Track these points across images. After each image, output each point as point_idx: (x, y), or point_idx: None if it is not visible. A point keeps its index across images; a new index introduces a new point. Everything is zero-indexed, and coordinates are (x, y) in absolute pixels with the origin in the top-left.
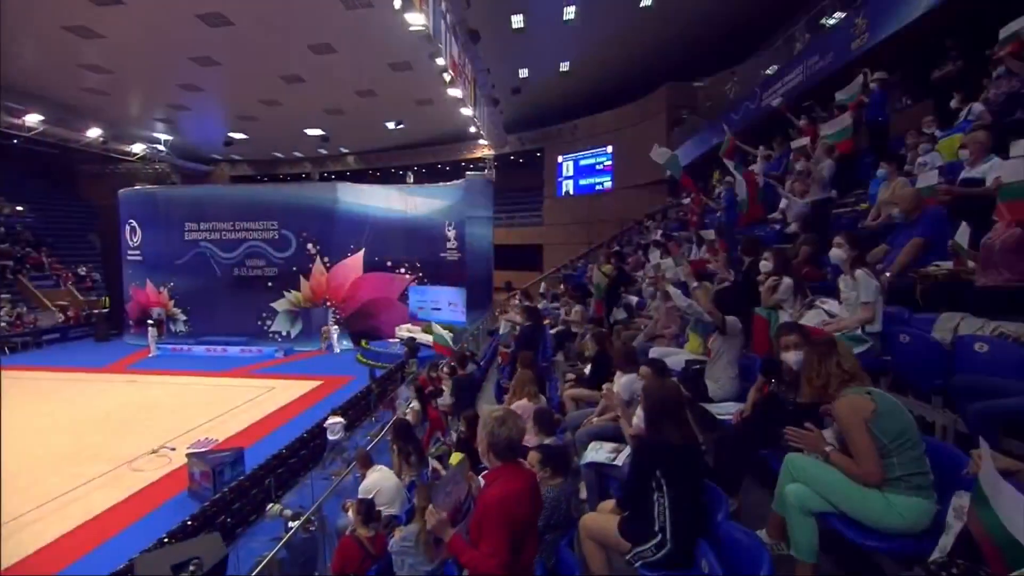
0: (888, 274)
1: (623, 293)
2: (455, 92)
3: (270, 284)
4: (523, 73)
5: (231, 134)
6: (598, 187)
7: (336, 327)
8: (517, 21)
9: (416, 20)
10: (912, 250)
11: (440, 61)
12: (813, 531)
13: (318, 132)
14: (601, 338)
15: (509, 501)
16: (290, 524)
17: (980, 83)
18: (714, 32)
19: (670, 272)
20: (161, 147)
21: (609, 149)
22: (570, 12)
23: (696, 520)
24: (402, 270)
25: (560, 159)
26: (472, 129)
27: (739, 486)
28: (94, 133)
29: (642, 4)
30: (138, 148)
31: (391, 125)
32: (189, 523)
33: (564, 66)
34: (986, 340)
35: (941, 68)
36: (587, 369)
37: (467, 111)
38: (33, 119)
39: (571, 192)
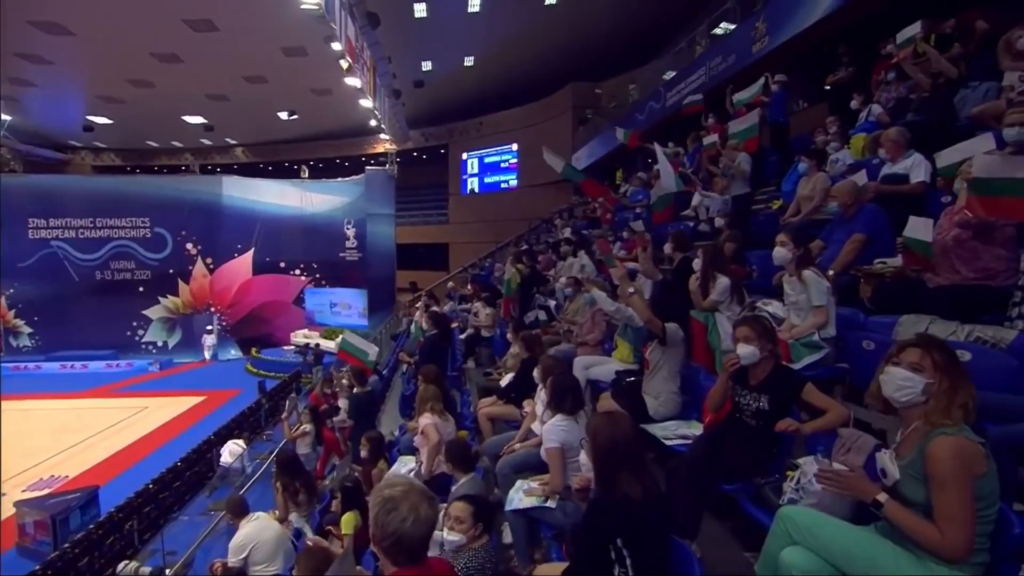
0: (831, 272)
1: (536, 294)
2: (354, 82)
3: (142, 289)
4: (426, 66)
5: (91, 118)
6: (504, 185)
7: (212, 335)
8: (420, 10)
9: None
10: (855, 247)
11: (336, 46)
12: None
13: (200, 120)
14: (532, 342)
15: None
16: None
17: (869, 88)
18: (618, 34)
19: (588, 272)
20: None
21: (514, 147)
22: (475, 4)
23: None
24: (297, 271)
25: (465, 156)
26: (372, 122)
27: (698, 528)
28: None
29: (547, 2)
30: None
31: (284, 116)
32: None
33: (469, 60)
34: (965, 347)
35: (835, 73)
36: (505, 379)
37: (367, 103)
38: None
39: (476, 190)
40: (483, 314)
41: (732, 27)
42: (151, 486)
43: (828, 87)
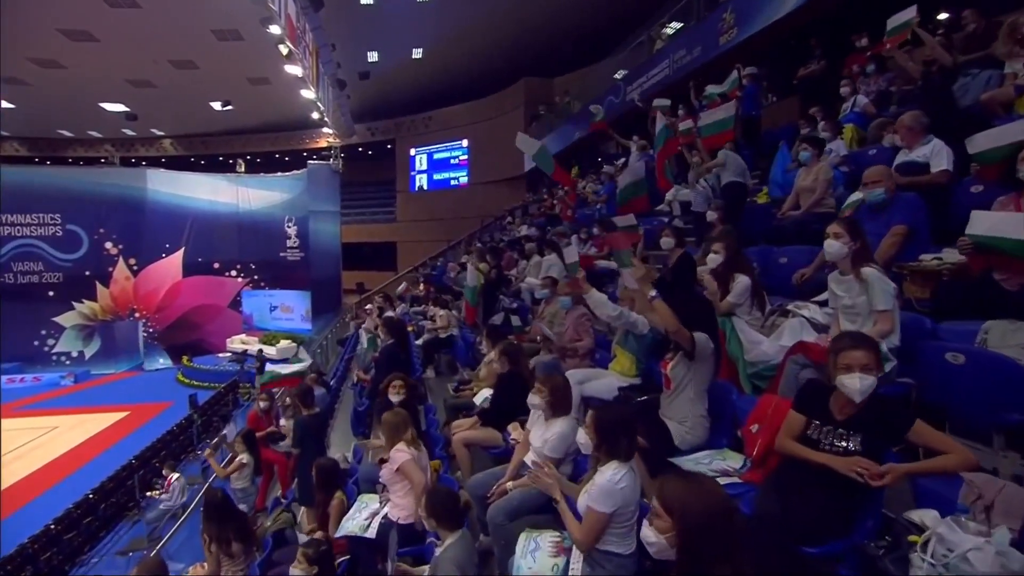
0: None
1: (501, 295)
2: (294, 70)
3: (52, 293)
4: (372, 57)
5: None
6: (454, 182)
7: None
8: None
9: None
10: (897, 240)
11: (275, 29)
12: None
13: (121, 108)
14: (515, 355)
15: None
16: None
17: (841, 82)
18: (574, 28)
19: (555, 271)
20: None
21: (465, 143)
22: None
23: None
24: (233, 272)
25: (413, 152)
26: (315, 115)
27: None
28: None
29: None
30: None
31: (217, 106)
32: None
33: (417, 53)
34: None
35: (806, 66)
36: (480, 396)
37: (309, 93)
38: None
39: (425, 187)
40: (439, 317)
41: (680, 26)
42: (53, 527)
43: (798, 80)
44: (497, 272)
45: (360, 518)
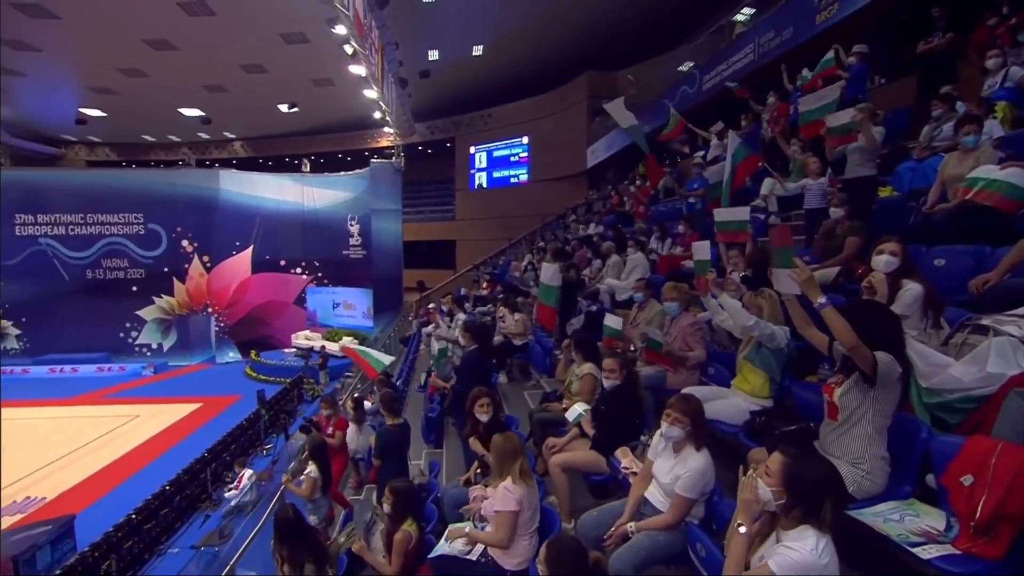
0: None
1: (579, 298)
2: (358, 69)
3: (135, 288)
4: (433, 55)
5: (84, 110)
6: (513, 180)
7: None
8: None
9: None
10: None
11: (341, 29)
12: None
13: (197, 113)
14: (633, 368)
15: None
16: None
17: (969, 56)
18: (639, 18)
19: (640, 271)
20: None
21: (525, 140)
22: None
23: None
24: (298, 270)
25: (473, 150)
26: (376, 114)
27: None
28: None
29: None
30: None
31: (284, 108)
32: None
33: (477, 50)
34: None
35: (928, 41)
36: (573, 412)
37: (371, 93)
38: None
39: (485, 185)
40: (510, 320)
41: (752, 12)
42: (134, 516)
43: (917, 57)
44: (576, 272)
45: (459, 544)
